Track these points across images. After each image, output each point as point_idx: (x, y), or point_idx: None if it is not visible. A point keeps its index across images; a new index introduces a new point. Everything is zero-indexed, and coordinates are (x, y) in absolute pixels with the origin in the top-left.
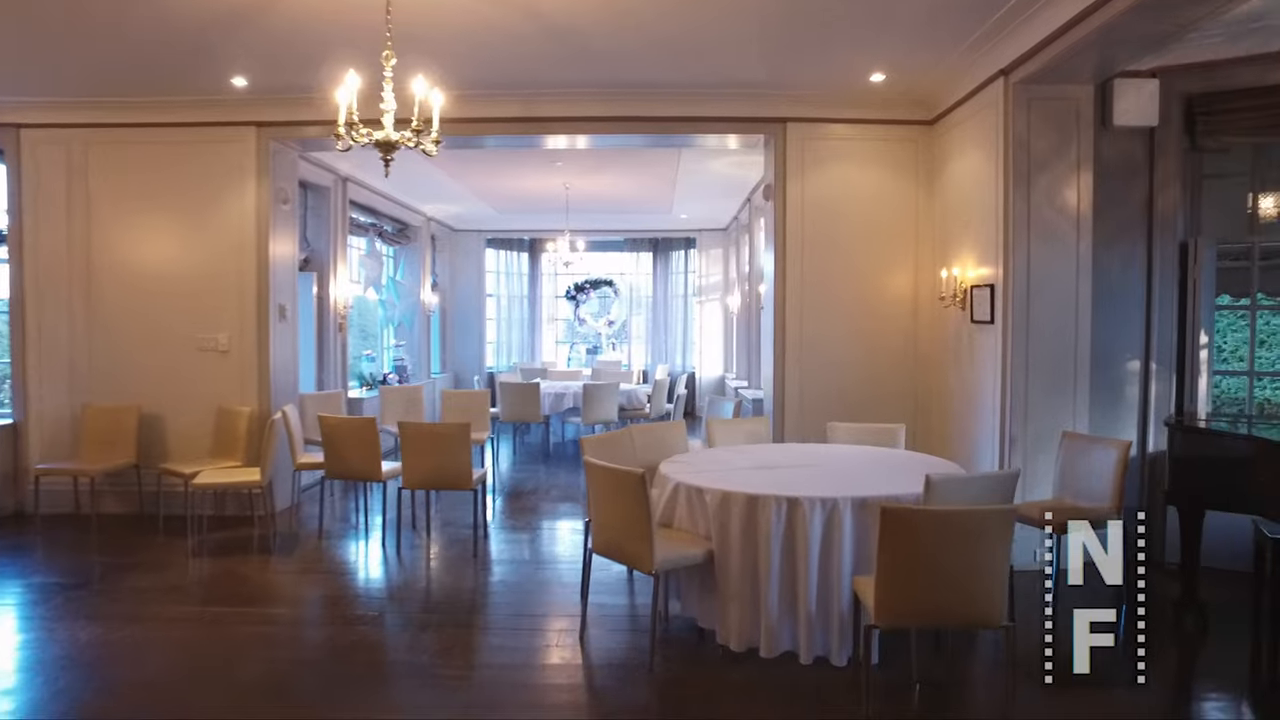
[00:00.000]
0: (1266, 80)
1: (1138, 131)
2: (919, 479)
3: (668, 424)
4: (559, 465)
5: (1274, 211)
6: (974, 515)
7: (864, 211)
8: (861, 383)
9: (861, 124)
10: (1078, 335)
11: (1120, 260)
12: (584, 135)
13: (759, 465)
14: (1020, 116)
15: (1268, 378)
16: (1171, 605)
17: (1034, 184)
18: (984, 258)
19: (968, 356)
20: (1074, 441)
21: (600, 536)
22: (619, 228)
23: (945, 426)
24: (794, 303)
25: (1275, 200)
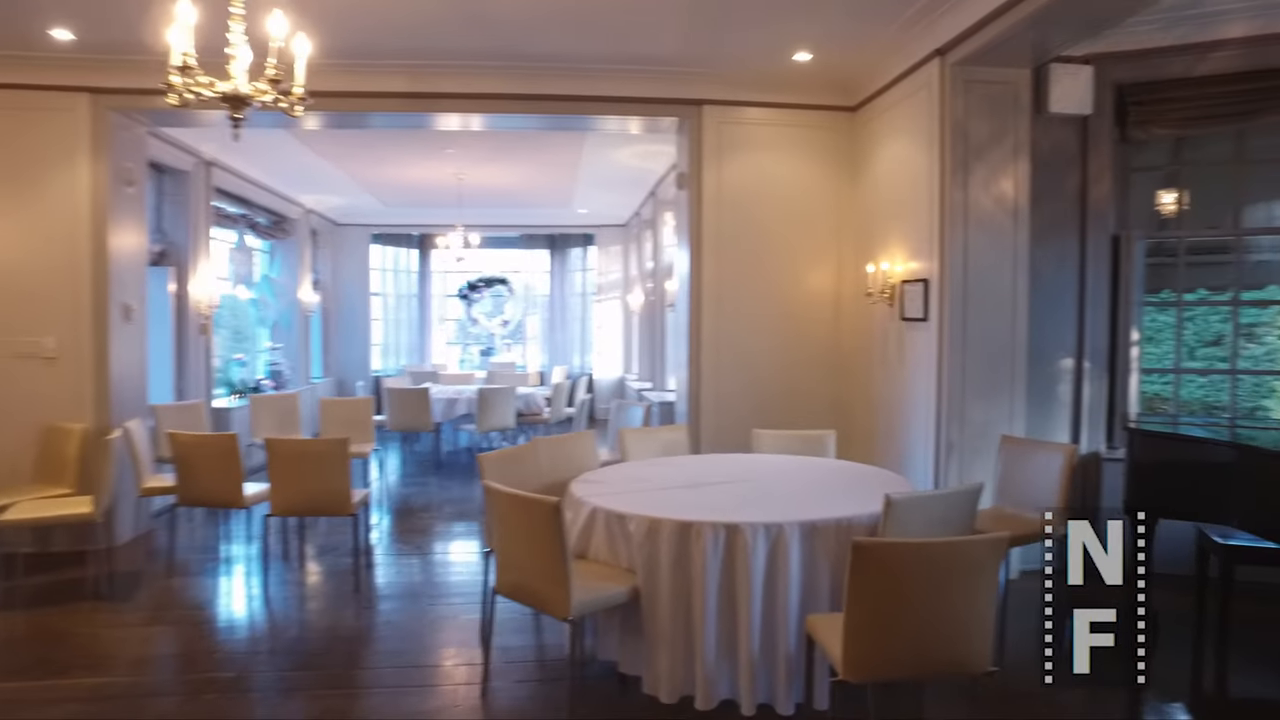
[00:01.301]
0: (1195, 71)
1: (1072, 120)
2: (867, 495)
3: (577, 435)
4: (452, 477)
5: (1175, 208)
6: (963, 547)
7: (785, 202)
8: (783, 386)
9: (783, 108)
10: (1015, 333)
11: (1054, 254)
12: (480, 114)
13: (685, 483)
14: (958, 100)
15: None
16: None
17: (971, 172)
18: (916, 251)
19: (897, 356)
20: (1014, 446)
21: (505, 576)
22: (515, 223)
23: (872, 431)
24: (710, 300)
25: (1181, 196)
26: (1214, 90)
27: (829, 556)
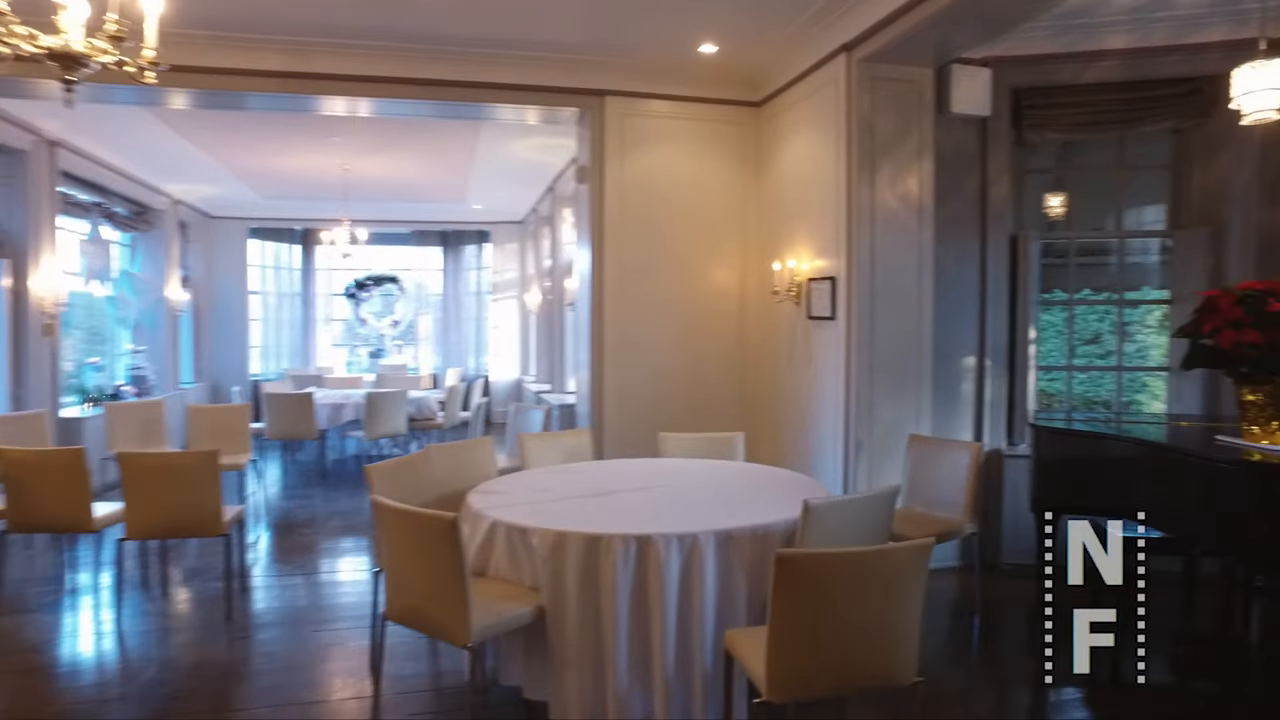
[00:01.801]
0: (1082, 78)
1: (972, 121)
2: (782, 500)
3: (473, 442)
4: (339, 488)
5: (1062, 210)
6: (890, 555)
7: (689, 198)
8: (688, 387)
9: (688, 101)
10: (921, 332)
11: (956, 253)
12: (367, 99)
13: (591, 491)
14: (864, 96)
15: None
16: (1026, 611)
17: (878, 169)
18: (823, 249)
19: (804, 356)
20: (922, 445)
21: (396, 600)
22: (406, 218)
23: (780, 432)
24: (612, 299)
25: (1067, 199)
26: (1098, 98)
27: (745, 567)
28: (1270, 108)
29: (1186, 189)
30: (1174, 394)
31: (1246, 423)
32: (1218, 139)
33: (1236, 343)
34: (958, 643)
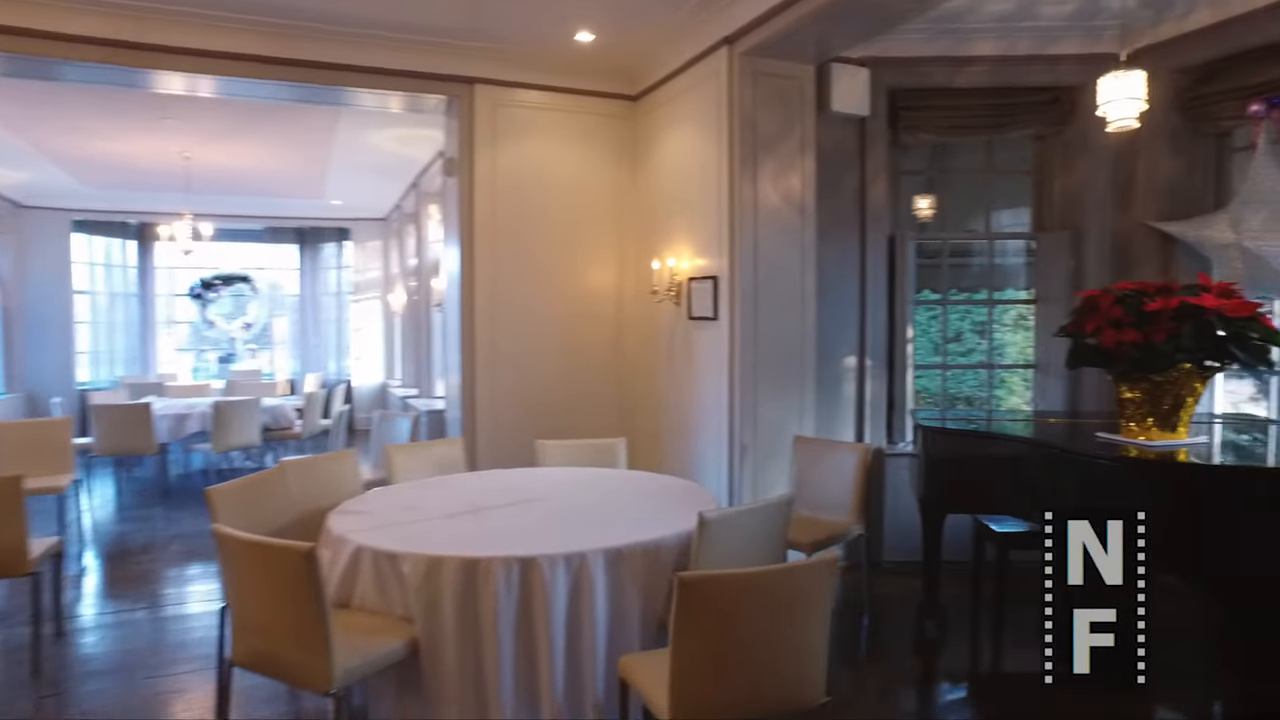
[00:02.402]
0: (954, 82)
1: (852, 120)
2: (672, 512)
3: (334, 455)
4: (182, 507)
5: (931, 212)
6: (797, 573)
7: (564, 194)
8: (565, 391)
9: (563, 93)
10: (804, 332)
11: (836, 253)
12: (209, 77)
13: (466, 508)
14: (747, 90)
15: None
16: (916, 609)
17: (760, 166)
18: (704, 247)
19: (685, 357)
20: (808, 447)
21: (245, 643)
22: (257, 213)
23: (661, 436)
24: (484, 299)
25: (937, 201)
26: (969, 102)
27: (638, 586)
28: (1130, 116)
29: (1048, 193)
30: (1039, 391)
31: (1125, 419)
32: (1075, 147)
33: (1119, 341)
34: (846, 645)
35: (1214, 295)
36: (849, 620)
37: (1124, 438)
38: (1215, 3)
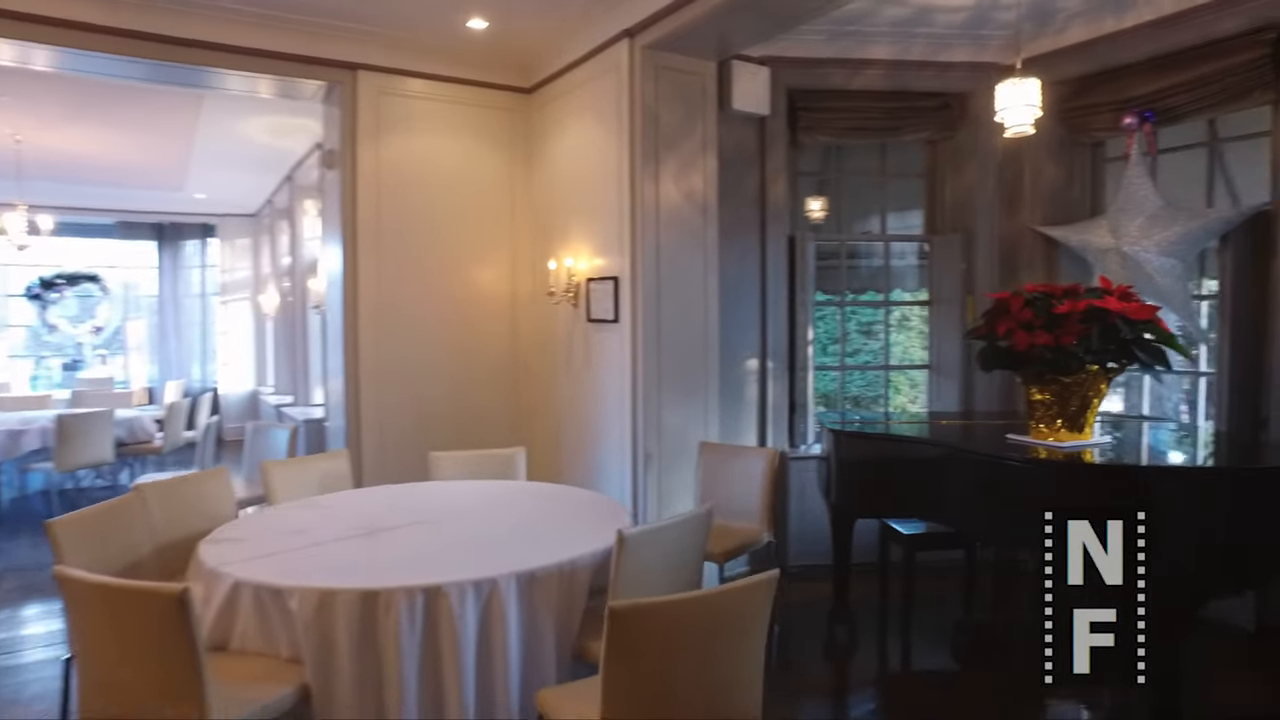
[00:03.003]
0: (851, 85)
1: (752, 119)
2: (584, 527)
3: (202, 474)
4: (17, 536)
5: (821, 214)
6: (737, 594)
7: (455, 190)
8: (457, 398)
9: (453, 83)
10: (707, 334)
11: (737, 253)
12: (46, 48)
13: (358, 530)
14: (649, 85)
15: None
16: (827, 615)
17: (663, 163)
18: (604, 247)
19: (584, 361)
20: (714, 453)
21: (97, 701)
22: (108, 206)
23: (560, 444)
24: (369, 300)
25: (830, 202)
26: (865, 105)
27: (553, 612)
28: (1026, 122)
29: (940, 197)
30: (934, 392)
31: (1034, 421)
32: (965, 152)
33: (1031, 344)
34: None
35: (1116, 299)
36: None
37: (1034, 439)
38: (1089, 21)
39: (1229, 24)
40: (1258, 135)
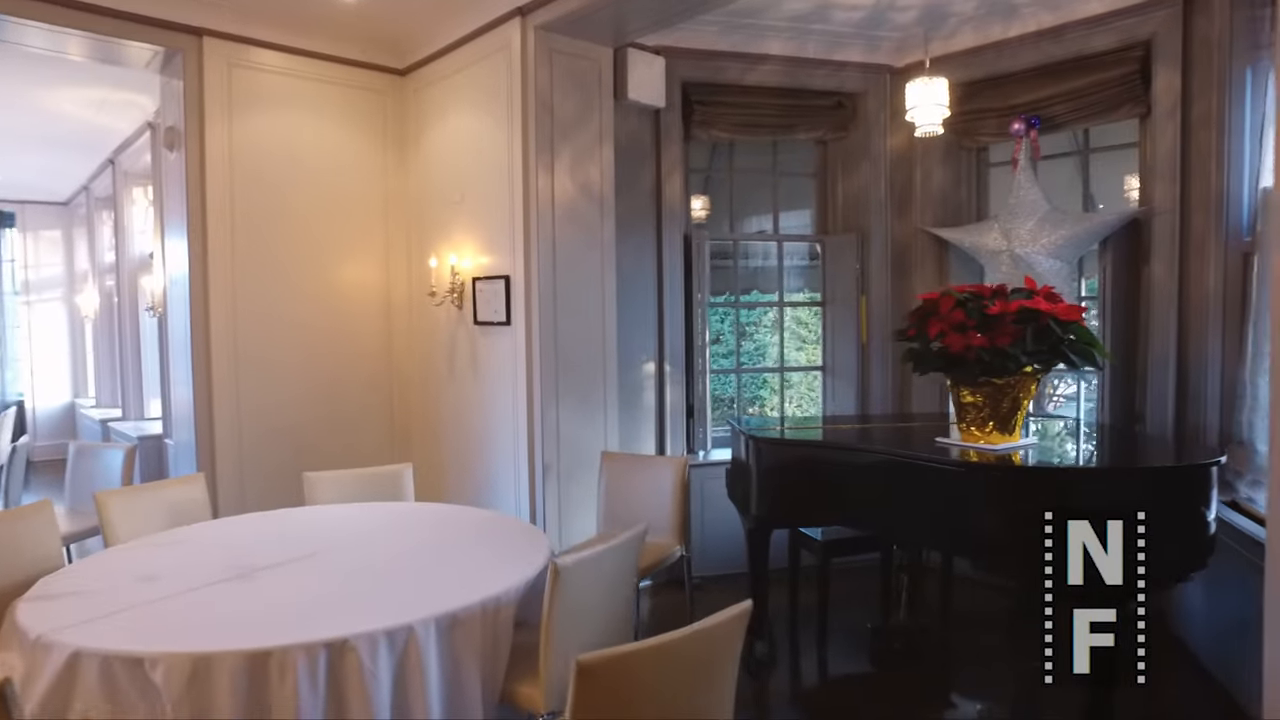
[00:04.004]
0: (746, 80)
1: (647, 111)
2: (498, 553)
3: (15, 513)
4: None
5: (703, 212)
6: (709, 634)
7: (320, 178)
8: (328, 410)
9: (316, 59)
10: (605, 336)
11: (633, 251)
12: None
13: (229, 572)
14: (543, 70)
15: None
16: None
17: (558, 154)
18: (492, 243)
19: (470, 368)
20: (617, 463)
21: None
22: None
23: (445, 459)
24: (222, 301)
25: (706, 201)
26: (760, 100)
27: (478, 657)
28: (935, 121)
29: (832, 197)
30: (830, 394)
31: (966, 423)
32: (857, 152)
33: (967, 345)
34: None
35: (1044, 299)
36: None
37: (965, 441)
38: (977, 29)
39: (1102, 40)
40: (1126, 146)
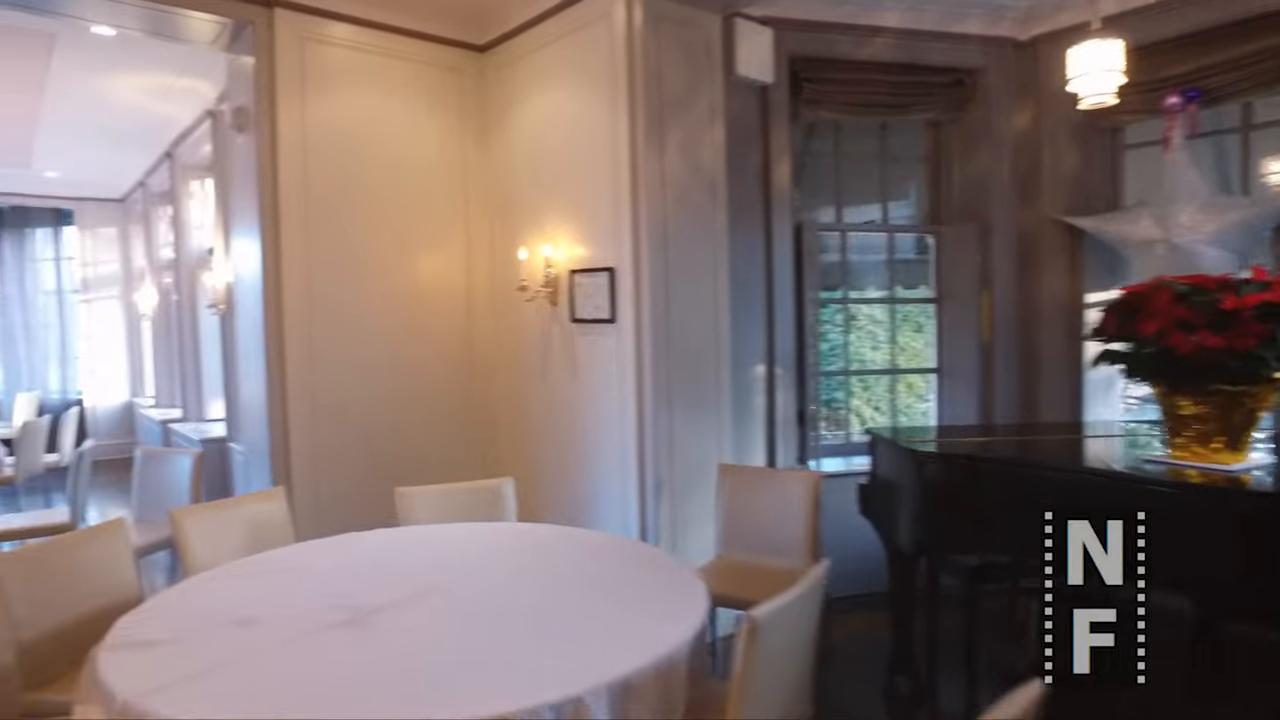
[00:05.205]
0: (858, 55)
1: (753, 88)
2: (649, 593)
3: (85, 534)
4: None
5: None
6: None
7: (396, 164)
8: (404, 417)
9: (391, 33)
10: (718, 336)
11: (742, 242)
12: None
13: (336, 611)
14: (651, 39)
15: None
16: (886, 665)
17: (668, 133)
18: (591, 233)
19: (567, 370)
20: (738, 477)
21: None
22: None
23: (534, 470)
24: (297, 296)
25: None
26: (873, 77)
27: None
28: (1108, 90)
29: (946, 184)
30: (946, 398)
31: (1182, 438)
32: (976, 134)
33: (1199, 347)
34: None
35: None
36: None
37: (1183, 460)
38: None
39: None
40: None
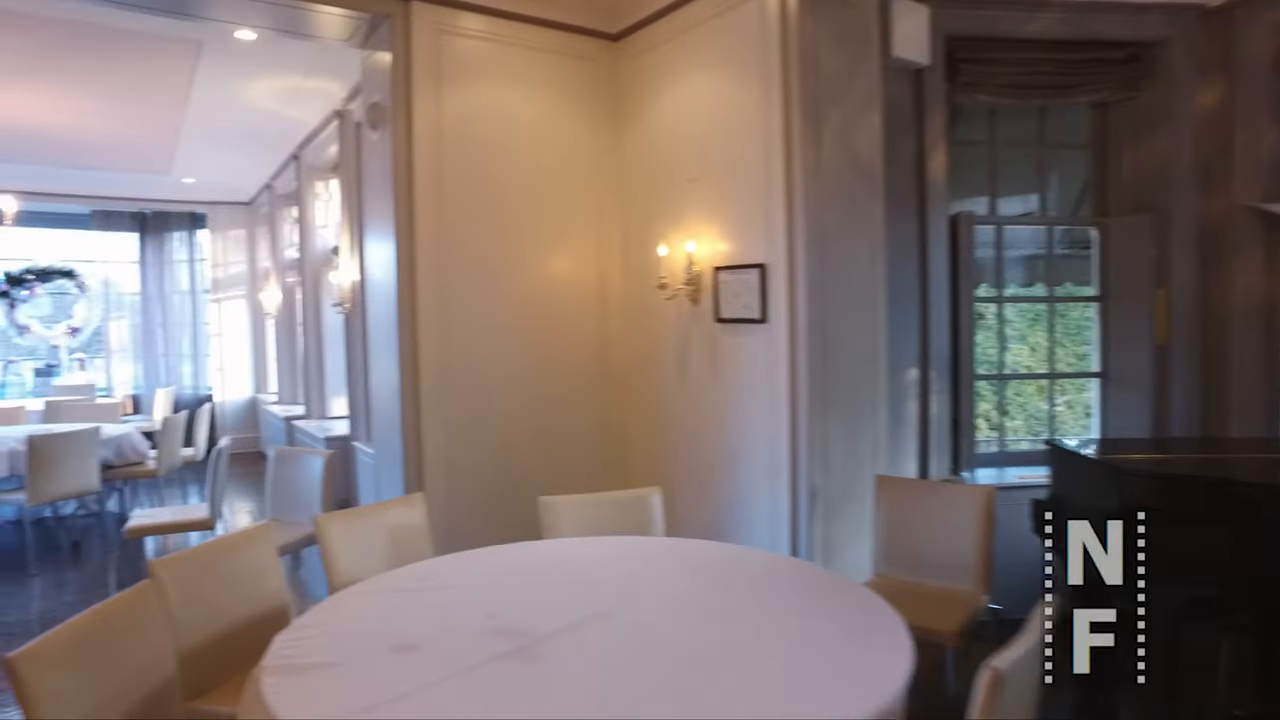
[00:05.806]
0: (1022, 32)
1: (906, 72)
2: (840, 628)
3: (237, 538)
4: None
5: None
6: None
7: (530, 158)
8: (536, 422)
9: (524, 23)
10: (876, 338)
11: (897, 236)
12: None
13: (502, 637)
14: (808, 19)
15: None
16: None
17: (825, 121)
18: (738, 227)
19: (709, 373)
20: (897, 490)
21: None
22: (81, 192)
23: (671, 478)
24: (431, 296)
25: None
26: (1036, 56)
27: None
28: None
29: (1114, 172)
30: (1115, 406)
31: None
32: (1156, 115)
33: None
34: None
35: None
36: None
37: None
38: None
39: None
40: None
